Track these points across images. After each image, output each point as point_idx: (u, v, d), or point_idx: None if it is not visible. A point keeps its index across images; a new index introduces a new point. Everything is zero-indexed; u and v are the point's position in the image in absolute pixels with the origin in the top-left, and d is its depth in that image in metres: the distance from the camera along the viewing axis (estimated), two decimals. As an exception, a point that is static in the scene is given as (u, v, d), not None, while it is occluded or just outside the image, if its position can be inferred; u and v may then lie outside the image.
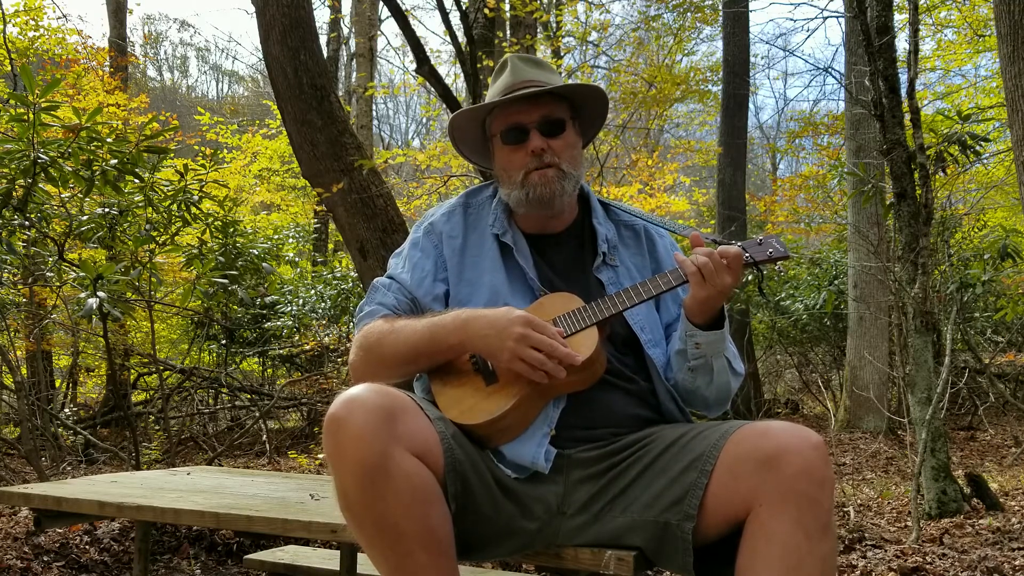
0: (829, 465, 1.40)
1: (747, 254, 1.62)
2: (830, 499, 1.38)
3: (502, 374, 1.61)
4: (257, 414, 7.62)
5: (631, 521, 1.51)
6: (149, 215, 4.63)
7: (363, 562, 2.57)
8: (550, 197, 1.74)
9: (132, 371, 8.09)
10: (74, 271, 4.88)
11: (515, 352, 1.55)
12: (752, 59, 11.93)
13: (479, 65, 5.15)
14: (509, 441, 1.60)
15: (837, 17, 11.05)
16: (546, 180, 1.73)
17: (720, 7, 10.79)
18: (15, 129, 3.69)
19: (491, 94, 1.83)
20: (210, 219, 4.85)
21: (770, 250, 1.64)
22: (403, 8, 5.16)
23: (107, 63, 11.38)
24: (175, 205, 4.50)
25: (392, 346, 1.66)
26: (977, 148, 4.21)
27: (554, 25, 11.17)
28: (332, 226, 11.58)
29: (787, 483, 1.36)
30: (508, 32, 8.96)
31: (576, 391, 1.64)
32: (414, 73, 5.69)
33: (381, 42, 19.88)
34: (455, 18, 5.81)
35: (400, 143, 25.97)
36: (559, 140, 1.76)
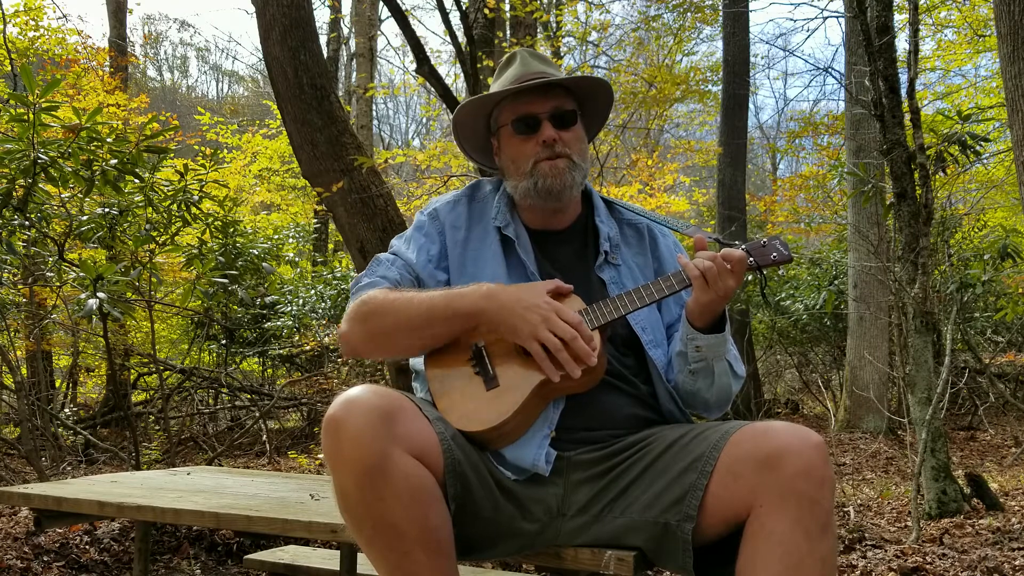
0: (829, 465, 1.40)
1: (751, 258, 1.60)
2: (830, 499, 1.38)
3: (503, 378, 1.60)
4: (257, 414, 7.63)
5: (631, 521, 1.51)
6: (149, 215, 4.63)
7: (363, 562, 2.57)
8: (560, 188, 1.72)
9: (132, 371, 8.09)
10: (74, 271, 4.88)
11: (535, 332, 1.53)
12: (752, 59, 11.95)
13: (479, 65, 5.15)
14: (509, 445, 1.60)
15: (837, 17, 11.06)
16: (557, 171, 1.72)
17: (720, 7, 10.79)
18: (15, 129, 3.69)
19: (499, 85, 1.81)
20: (210, 219, 4.85)
21: (774, 254, 1.62)
22: (403, 8, 5.16)
23: (107, 63, 11.39)
24: (175, 205, 4.50)
25: (403, 310, 1.60)
26: (977, 148, 4.21)
27: (554, 25, 11.18)
28: (332, 226, 11.59)
29: (787, 483, 1.36)
30: (508, 32, 8.96)
31: (576, 393, 1.63)
32: (414, 73, 5.70)
33: (381, 42, 19.90)
34: (455, 18, 5.82)
35: (400, 143, 25.98)
36: (570, 132, 1.75)
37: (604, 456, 1.60)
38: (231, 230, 5.04)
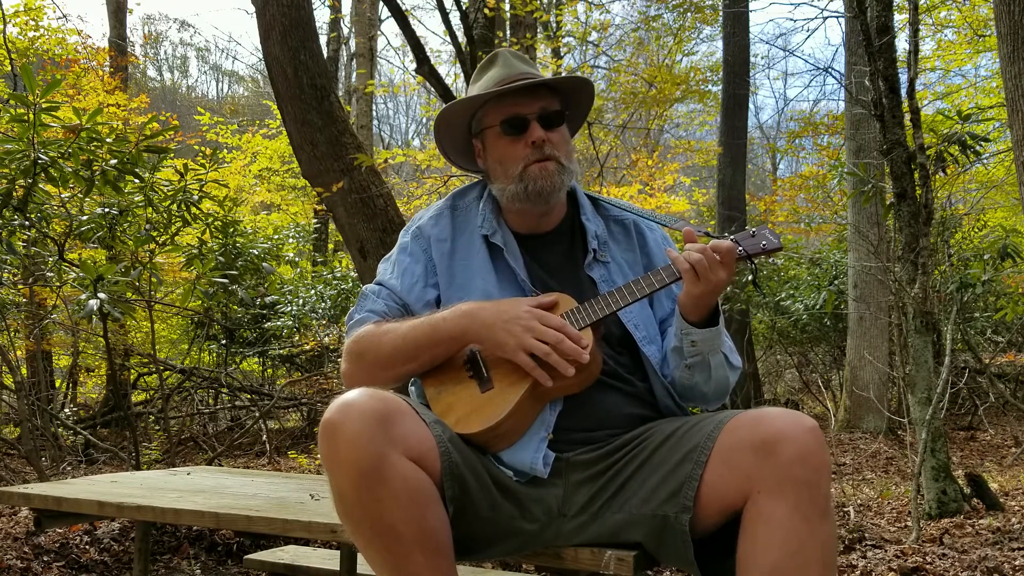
0: (825, 449, 1.40)
1: (740, 247, 1.59)
2: (827, 483, 1.38)
3: (498, 380, 1.60)
4: (257, 414, 7.62)
5: (629, 516, 1.51)
6: (149, 215, 4.62)
7: (363, 562, 2.57)
8: (550, 191, 1.72)
9: (132, 371, 8.09)
10: (74, 271, 4.88)
11: (521, 343, 1.54)
12: (752, 59, 11.96)
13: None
14: (507, 447, 1.59)
15: (837, 17, 11.06)
16: (547, 173, 1.71)
17: (720, 7, 10.79)
18: (15, 129, 3.69)
19: (481, 87, 1.79)
20: (210, 219, 4.85)
21: (763, 242, 1.61)
22: (403, 8, 5.16)
23: (107, 63, 11.39)
24: (175, 205, 4.49)
25: (390, 344, 1.64)
26: (977, 148, 4.20)
27: (554, 25, 11.17)
28: (332, 226, 11.58)
29: (784, 469, 1.36)
30: (508, 32, 8.95)
31: (572, 394, 1.62)
32: (414, 73, 5.69)
33: (381, 42, 19.90)
34: (455, 18, 5.81)
35: (400, 143, 25.98)
36: (556, 133, 1.75)
37: (603, 455, 1.60)
38: (231, 230, 5.04)
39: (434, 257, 1.78)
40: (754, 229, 1.64)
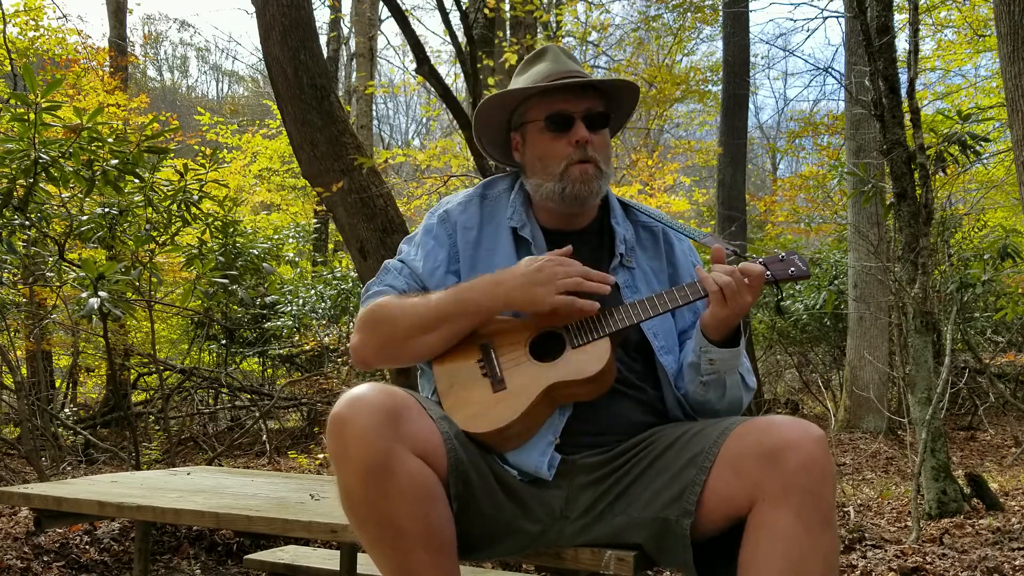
0: (830, 459, 1.40)
1: (768, 272, 1.60)
2: (831, 493, 1.39)
3: (511, 381, 1.59)
4: (257, 414, 7.62)
5: (631, 519, 1.51)
6: (149, 215, 4.62)
7: (363, 562, 2.57)
8: (587, 195, 1.71)
9: (132, 371, 8.08)
10: (74, 271, 4.88)
11: (553, 287, 1.54)
12: (752, 59, 11.95)
13: (479, 65, 5.14)
14: (514, 449, 1.59)
15: (837, 17, 11.07)
16: (587, 177, 1.70)
17: (720, 7, 10.79)
18: (16, 129, 3.69)
19: (527, 80, 1.77)
20: (210, 219, 4.85)
21: (791, 268, 1.61)
22: (403, 8, 5.16)
23: (107, 63, 11.39)
24: (175, 205, 4.49)
25: (412, 313, 1.61)
26: (977, 148, 4.20)
27: (554, 25, 11.17)
28: (332, 226, 11.58)
29: (788, 478, 1.36)
30: (508, 32, 8.95)
31: (584, 400, 1.62)
32: (414, 73, 5.69)
33: (381, 42, 19.90)
34: (455, 18, 5.81)
35: (400, 143, 25.95)
36: (599, 136, 1.73)
37: (607, 459, 1.59)
38: (231, 230, 5.04)
39: (459, 244, 1.76)
40: (783, 254, 1.64)
